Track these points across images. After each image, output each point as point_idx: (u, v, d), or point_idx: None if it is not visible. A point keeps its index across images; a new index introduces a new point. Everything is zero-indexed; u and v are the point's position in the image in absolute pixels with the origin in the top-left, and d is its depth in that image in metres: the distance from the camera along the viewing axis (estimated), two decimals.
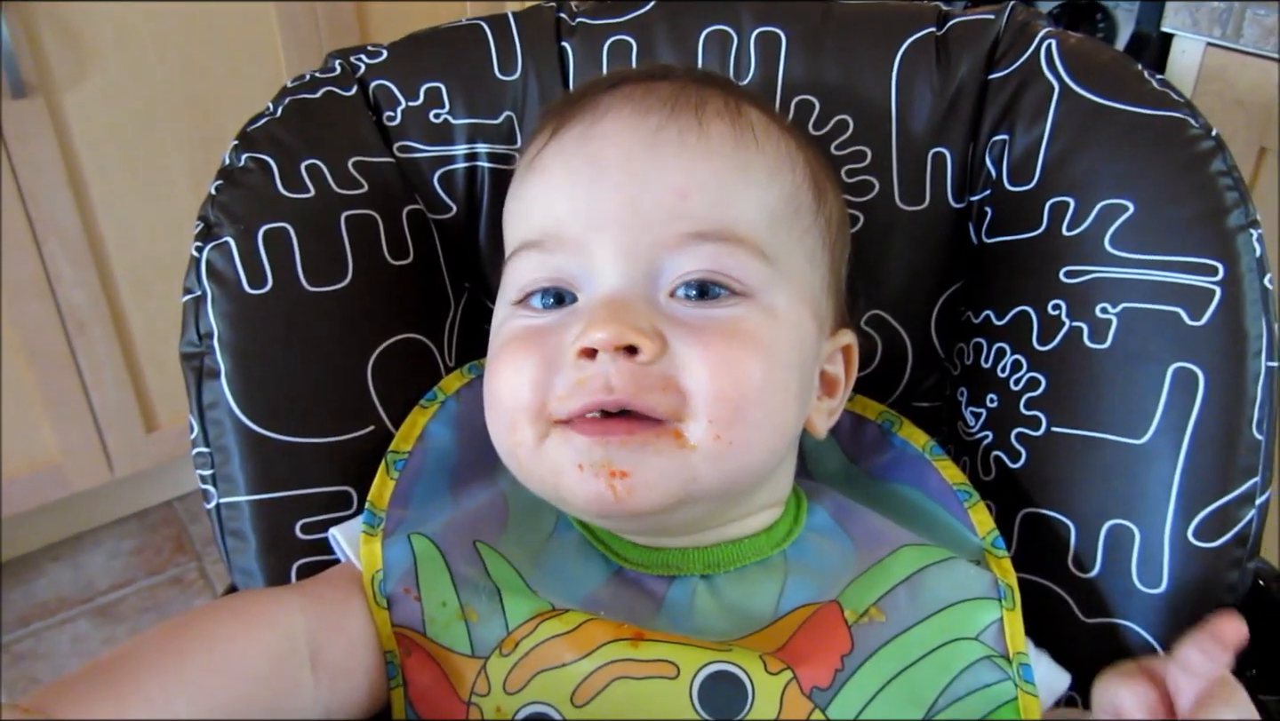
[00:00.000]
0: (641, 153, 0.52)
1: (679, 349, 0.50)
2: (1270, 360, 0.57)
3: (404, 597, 0.52)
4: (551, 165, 0.54)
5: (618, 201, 0.52)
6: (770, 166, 0.55)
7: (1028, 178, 0.62)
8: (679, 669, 0.49)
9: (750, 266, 0.52)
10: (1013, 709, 0.52)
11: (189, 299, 0.59)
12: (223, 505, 0.58)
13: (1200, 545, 0.56)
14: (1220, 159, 0.58)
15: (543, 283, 0.53)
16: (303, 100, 0.64)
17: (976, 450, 0.65)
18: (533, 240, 0.54)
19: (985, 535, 0.59)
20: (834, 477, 0.64)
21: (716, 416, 0.49)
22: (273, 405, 0.58)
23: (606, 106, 0.55)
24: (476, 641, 0.50)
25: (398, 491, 0.57)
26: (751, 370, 0.50)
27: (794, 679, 0.49)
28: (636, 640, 0.49)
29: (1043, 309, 0.61)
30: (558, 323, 0.52)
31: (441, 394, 0.62)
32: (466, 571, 0.52)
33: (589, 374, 0.50)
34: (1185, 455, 0.56)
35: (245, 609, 0.50)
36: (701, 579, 0.54)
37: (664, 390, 0.49)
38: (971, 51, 0.65)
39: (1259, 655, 0.58)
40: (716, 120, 0.54)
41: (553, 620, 0.50)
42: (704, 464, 0.50)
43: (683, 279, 0.51)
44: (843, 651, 0.51)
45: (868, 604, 0.53)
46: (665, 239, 0.51)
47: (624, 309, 0.50)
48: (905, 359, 0.69)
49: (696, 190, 0.52)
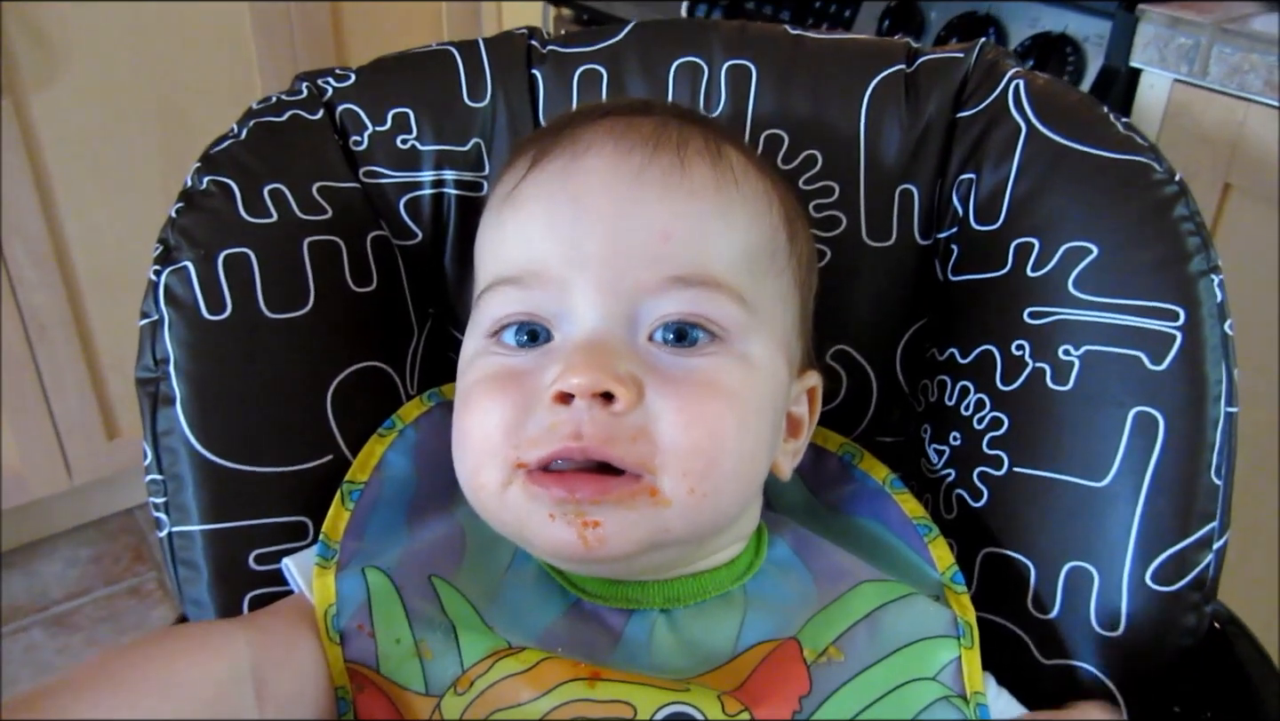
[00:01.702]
0: (625, 192, 0.52)
1: (654, 399, 0.49)
2: (1230, 405, 0.57)
3: (358, 633, 0.51)
4: (531, 199, 0.54)
5: (600, 242, 0.51)
6: (750, 210, 0.54)
7: (994, 217, 0.63)
8: (636, 710, 0.48)
9: (728, 311, 0.52)
10: None
11: (146, 323, 0.58)
12: (175, 534, 0.57)
13: (1158, 589, 0.57)
14: (1183, 204, 0.59)
15: (518, 317, 0.53)
16: (268, 123, 0.63)
17: (939, 487, 0.65)
18: (510, 276, 0.53)
19: (945, 570, 0.59)
20: (796, 509, 0.64)
21: (690, 470, 0.49)
22: (228, 434, 0.57)
23: (588, 141, 0.54)
24: (431, 679, 0.50)
25: (353, 523, 0.56)
26: (727, 424, 0.50)
27: (751, 720, 0.49)
28: (594, 680, 0.49)
29: (1006, 349, 0.61)
30: (533, 364, 0.51)
31: (400, 422, 0.61)
32: (421, 607, 0.52)
33: (561, 419, 0.49)
34: (1145, 499, 0.57)
35: (188, 637, 0.49)
36: (661, 613, 0.54)
37: (633, 440, 0.49)
38: (940, 89, 0.65)
39: (1215, 698, 0.58)
40: (698, 160, 0.54)
41: (509, 658, 0.50)
42: (676, 516, 0.49)
43: (662, 321, 0.51)
44: (800, 692, 0.50)
45: (826, 642, 0.52)
46: (646, 282, 0.51)
47: (603, 353, 0.49)
48: (870, 394, 0.69)
49: (679, 233, 0.51)
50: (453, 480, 0.57)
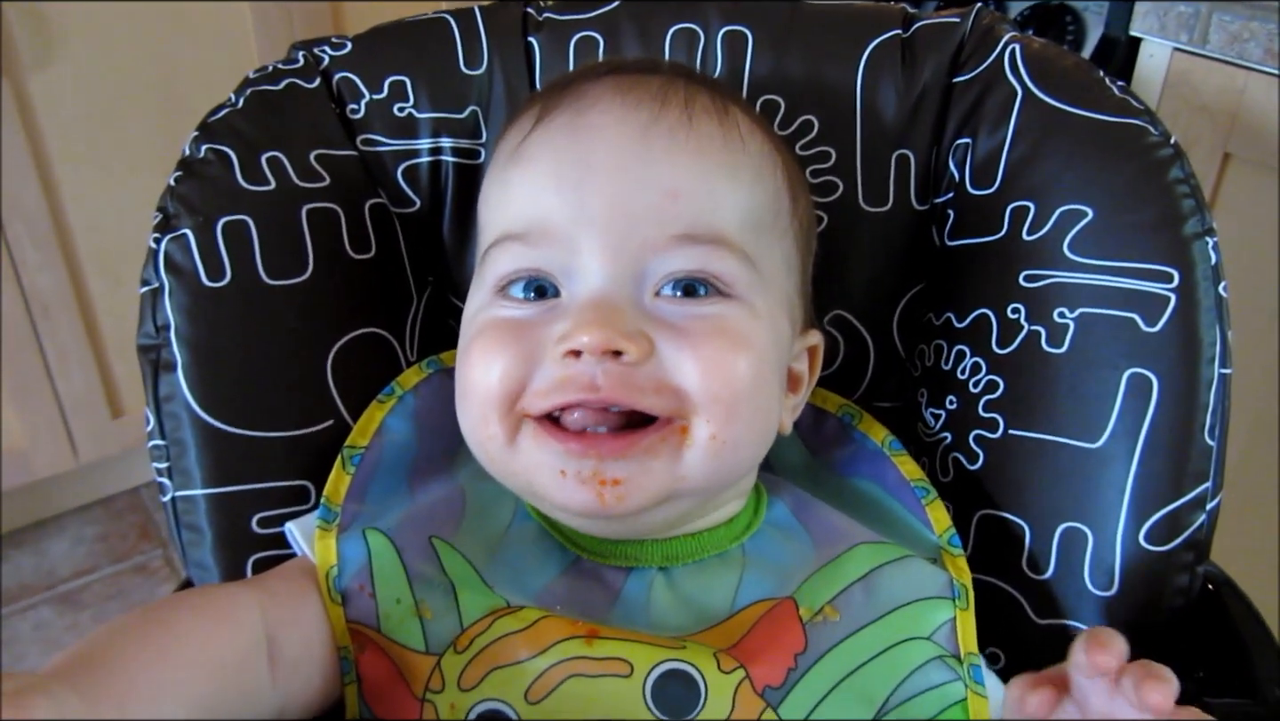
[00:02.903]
0: (632, 149, 0.52)
1: (666, 350, 0.50)
2: (1223, 367, 0.57)
3: (359, 594, 0.52)
4: (538, 155, 0.54)
5: (607, 200, 0.51)
6: (755, 169, 0.55)
7: (989, 181, 0.63)
8: (632, 667, 0.49)
9: (735, 270, 0.52)
10: (961, 709, 0.53)
11: (146, 290, 0.58)
12: (178, 498, 0.58)
13: (1151, 549, 0.57)
14: (1178, 166, 0.59)
15: (525, 274, 0.53)
16: (265, 91, 0.63)
17: (935, 451, 0.65)
18: (516, 232, 0.53)
19: (942, 532, 0.59)
20: (795, 471, 0.64)
21: (713, 416, 0.50)
22: (229, 399, 0.57)
23: (595, 97, 0.54)
24: (431, 638, 0.50)
25: (354, 486, 0.57)
26: (741, 369, 0.50)
27: (746, 677, 0.49)
28: (591, 637, 0.49)
29: (1002, 312, 0.61)
30: (538, 317, 0.52)
31: (400, 389, 0.61)
32: (421, 567, 0.52)
33: (573, 371, 0.49)
34: (1138, 460, 0.57)
35: (208, 605, 0.50)
36: (659, 571, 0.54)
37: (658, 392, 0.49)
38: (936, 54, 0.65)
39: (1207, 658, 0.59)
40: (705, 118, 0.54)
41: (507, 617, 0.50)
42: (695, 463, 0.50)
43: (669, 278, 0.51)
44: (796, 650, 0.51)
45: (823, 601, 0.53)
46: (653, 240, 0.51)
47: (611, 311, 0.49)
48: (867, 359, 0.69)
49: (686, 191, 0.51)
50: (453, 445, 0.58)
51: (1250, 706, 0.54)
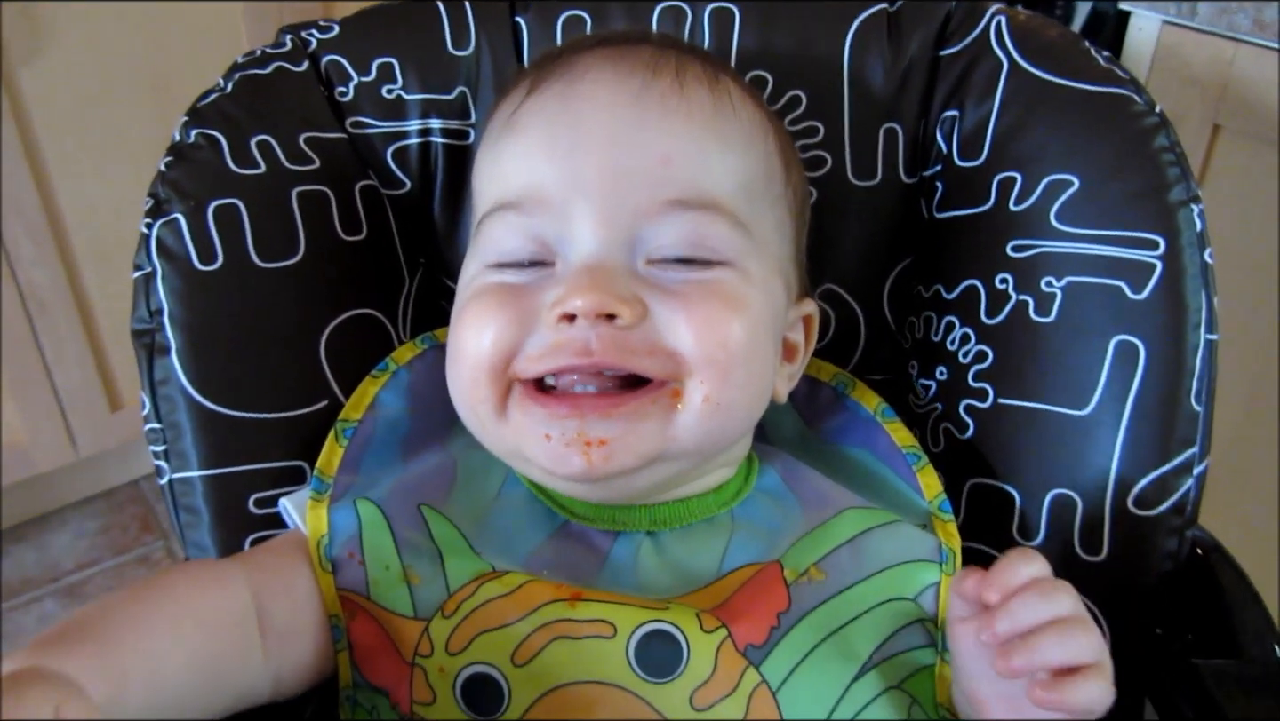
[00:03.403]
0: (624, 115, 0.52)
1: (660, 312, 0.50)
2: (1209, 333, 0.58)
3: (348, 561, 0.52)
4: (530, 124, 0.54)
5: (601, 166, 0.51)
6: (746, 135, 0.55)
7: (977, 153, 0.63)
8: (616, 628, 0.49)
9: (728, 235, 0.52)
10: (928, 677, 0.53)
11: (139, 275, 0.59)
12: (175, 480, 0.58)
13: (1140, 514, 0.58)
14: (1163, 135, 0.59)
15: (520, 254, 0.53)
16: (253, 75, 0.64)
17: (926, 421, 0.66)
18: (510, 201, 0.53)
19: (932, 498, 0.59)
20: (790, 442, 0.64)
21: (708, 378, 0.50)
22: (224, 381, 0.58)
23: (586, 65, 0.54)
24: (419, 603, 0.51)
25: (346, 459, 0.57)
26: (735, 331, 0.51)
27: (729, 636, 0.50)
28: (575, 600, 0.50)
29: (990, 282, 0.62)
30: (533, 283, 0.52)
31: (394, 364, 0.62)
32: (409, 535, 0.53)
33: (567, 336, 0.50)
34: (1126, 426, 0.57)
35: (199, 573, 0.51)
36: (647, 535, 0.54)
37: (651, 354, 0.50)
38: (923, 28, 0.66)
39: (1196, 620, 0.59)
40: (696, 85, 0.54)
41: (493, 581, 0.51)
42: (688, 425, 0.50)
43: (662, 249, 0.52)
44: (779, 609, 0.51)
45: (808, 563, 0.53)
46: (647, 206, 0.51)
47: (605, 275, 0.50)
48: (858, 332, 0.70)
49: (679, 157, 0.52)
50: (446, 419, 0.58)
51: (1238, 665, 0.55)
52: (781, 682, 0.49)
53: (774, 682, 0.49)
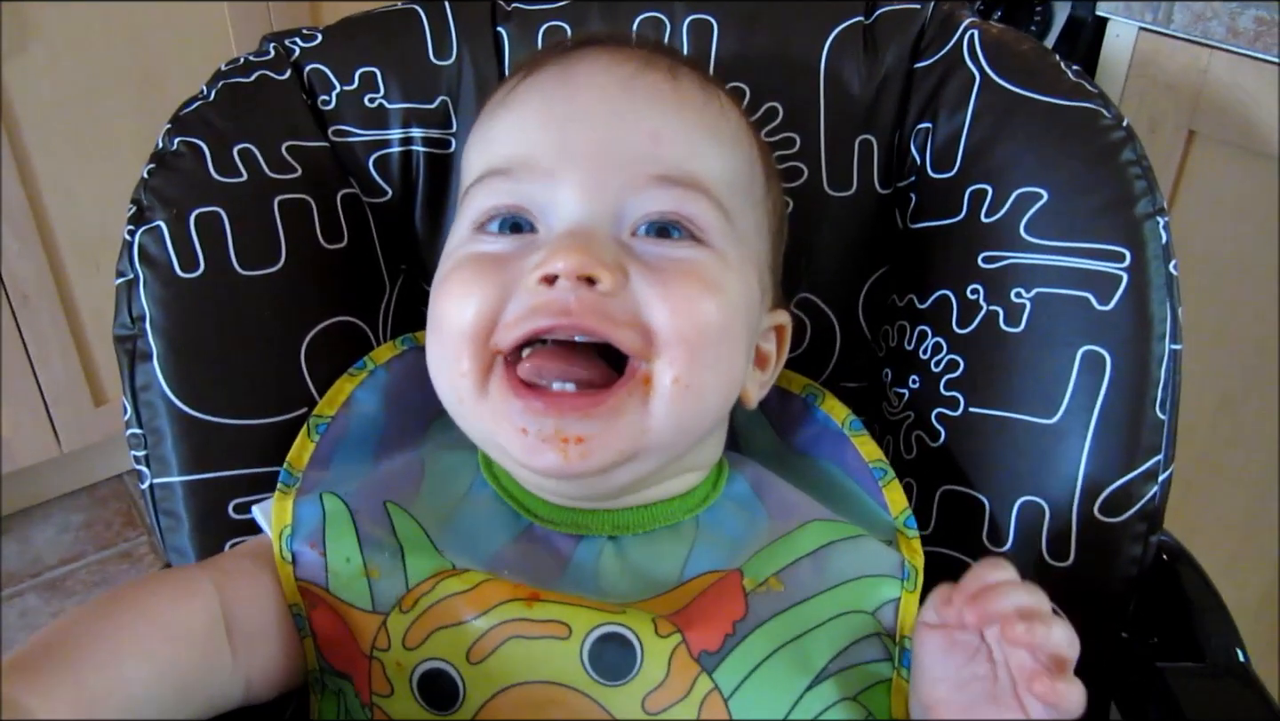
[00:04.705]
0: (617, 94, 0.54)
1: (639, 285, 0.51)
2: (1173, 343, 0.59)
3: (309, 552, 0.53)
4: (525, 99, 0.55)
5: (591, 138, 0.52)
6: (733, 133, 0.56)
7: (949, 165, 0.64)
8: (571, 629, 0.50)
9: (710, 217, 0.53)
10: (883, 690, 0.54)
11: (121, 282, 0.59)
12: (156, 485, 0.59)
13: (1105, 520, 0.59)
14: (1130, 148, 0.60)
15: (504, 210, 0.54)
16: (236, 84, 0.64)
17: (899, 429, 0.67)
18: (499, 167, 0.54)
19: (898, 514, 0.60)
20: (764, 454, 0.65)
21: (676, 358, 0.51)
22: (205, 387, 0.59)
23: (583, 53, 0.56)
24: (377, 597, 0.52)
25: (317, 454, 0.58)
26: (709, 311, 0.51)
27: (683, 642, 0.50)
28: (532, 600, 0.51)
29: (962, 293, 0.63)
30: (515, 251, 0.52)
31: (371, 363, 0.62)
32: (372, 530, 0.53)
33: (547, 298, 0.50)
34: (1092, 434, 0.59)
35: (162, 583, 0.51)
36: (609, 540, 0.55)
37: (629, 325, 0.50)
38: (898, 40, 0.67)
39: (1161, 624, 0.61)
40: (689, 81, 0.56)
41: (451, 579, 0.51)
42: (660, 412, 0.51)
43: (645, 219, 0.52)
44: (735, 617, 0.52)
45: (768, 574, 0.54)
46: (633, 179, 0.52)
47: (588, 240, 0.50)
48: (834, 341, 0.71)
49: (668, 135, 0.53)
50: (421, 421, 0.59)
51: (1202, 668, 0.57)
52: (734, 690, 0.50)
53: (726, 690, 0.50)
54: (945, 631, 0.49)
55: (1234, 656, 0.57)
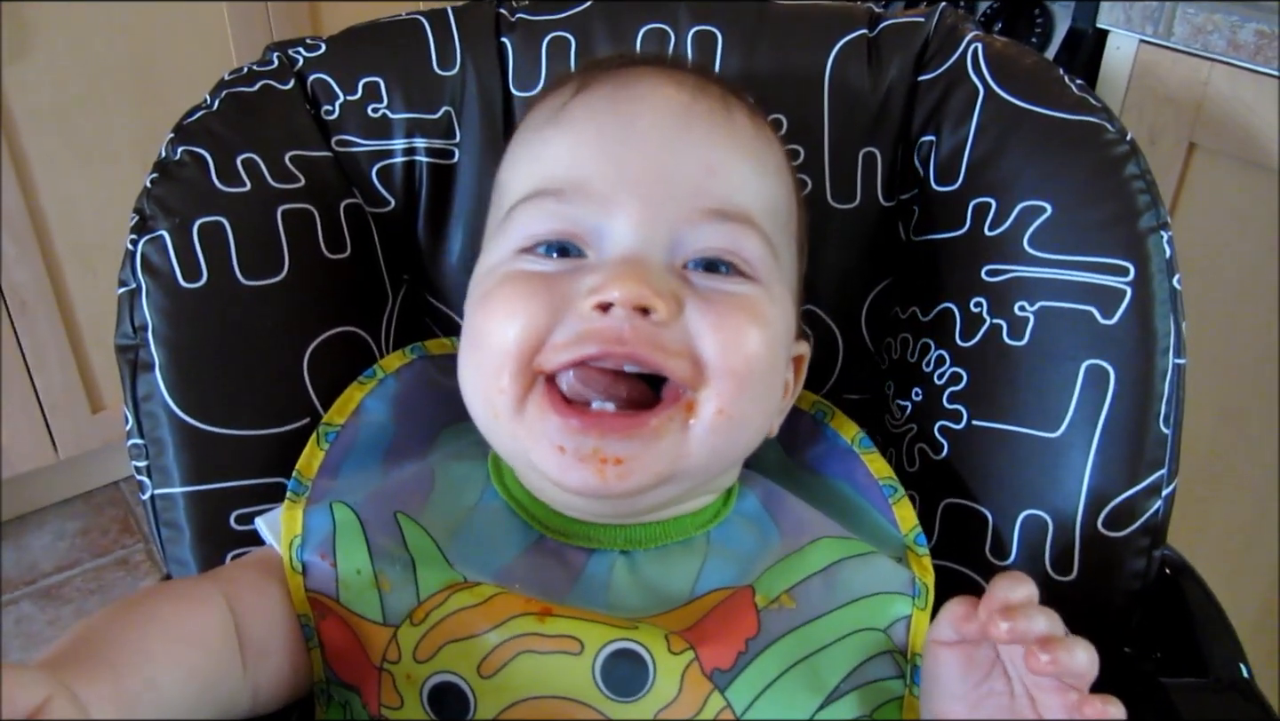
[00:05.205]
0: (674, 122, 0.53)
1: (692, 316, 0.51)
2: (1177, 357, 0.59)
3: (320, 563, 0.53)
4: (580, 117, 0.55)
5: (648, 167, 0.52)
6: (778, 164, 0.57)
7: (953, 178, 0.64)
8: (583, 645, 0.50)
9: (760, 253, 0.53)
10: (896, 708, 0.54)
11: (124, 291, 0.59)
12: (157, 496, 0.59)
13: (1109, 534, 0.59)
14: (1134, 162, 0.60)
15: (554, 235, 0.53)
16: (240, 93, 0.64)
17: (902, 442, 0.67)
18: (552, 189, 0.53)
19: (908, 531, 0.60)
20: (771, 469, 0.65)
21: (724, 390, 0.51)
22: (207, 398, 0.58)
23: (638, 73, 0.56)
24: (388, 610, 0.51)
25: (327, 462, 0.58)
26: (757, 344, 0.52)
27: (696, 659, 0.50)
28: (544, 615, 0.50)
29: (965, 306, 0.63)
30: (563, 272, 0.52)
31: (381, 372, 0.62)
32: (383, 541, 0.53)
33: (600, 325, 0.50)
34: (1096, 448, 0.59)
35: (176, 590, 0.51)
36: (621, 554, 0.55)
37: (679, 355, 0.50)
38: (902, 53, 0.67)
39: (1164, 640, 0.61)
40: (740, 109, 0.56)
41: (463, 592, 0.51)
42: (699, 439, 0.51)
43: (698, 254, 0.52)
44: (748, 635, 0.52)
45: (780, 590, 0.54)
46: (688, 212, 0.52)
47: (645, 269, 0.50)
48: (837, 353, 0.71)
49: (722, 169, 0.53)
50: (431, 430, 0.59)
51: (1205, 684, 0.57)
52: (746, 708, 0.50)
53: (739, 708, 0.50)
54: (962, 648, 0.49)
55: (1237, 671, 0.57)
